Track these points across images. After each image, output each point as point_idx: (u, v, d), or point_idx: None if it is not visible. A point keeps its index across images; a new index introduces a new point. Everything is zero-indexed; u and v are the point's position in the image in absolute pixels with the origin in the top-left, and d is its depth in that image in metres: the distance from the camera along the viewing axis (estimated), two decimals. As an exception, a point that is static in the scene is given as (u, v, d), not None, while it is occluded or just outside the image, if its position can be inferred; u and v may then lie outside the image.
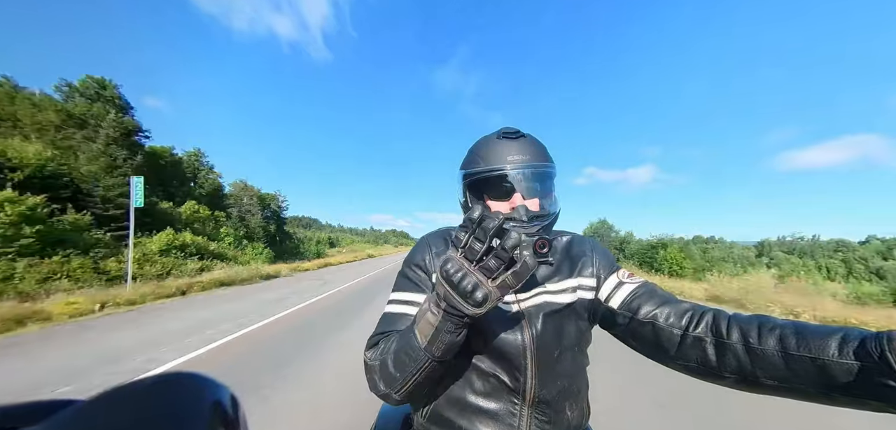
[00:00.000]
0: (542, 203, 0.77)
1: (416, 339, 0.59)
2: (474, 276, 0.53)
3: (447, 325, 0.57)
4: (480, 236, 0.54)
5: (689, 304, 0.70)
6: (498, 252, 0.53)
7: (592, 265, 0.80)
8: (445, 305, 0.56)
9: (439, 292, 0.56)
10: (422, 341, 0.59)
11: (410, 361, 0.60)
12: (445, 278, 0.54)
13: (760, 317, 0.60)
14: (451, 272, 0.54)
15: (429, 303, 0.60)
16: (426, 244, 0.81)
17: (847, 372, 0.47)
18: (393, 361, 0.62)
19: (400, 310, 0.74)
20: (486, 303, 0.53)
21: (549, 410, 0.70)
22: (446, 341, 0.57)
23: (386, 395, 0.65)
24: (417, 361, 0.59)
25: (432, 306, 0.58)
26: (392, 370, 0.62)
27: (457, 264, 0.54)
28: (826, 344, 0.50)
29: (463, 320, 0.56)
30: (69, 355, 4.35)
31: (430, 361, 0.59)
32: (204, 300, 8.83)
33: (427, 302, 0.60)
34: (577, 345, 0.76)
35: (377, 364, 0.65)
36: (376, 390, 0.66)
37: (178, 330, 5.65)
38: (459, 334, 0.58)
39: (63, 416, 0.18)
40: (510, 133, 0.77)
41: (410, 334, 0.61)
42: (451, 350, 0.59)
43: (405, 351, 0.61)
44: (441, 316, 0.57)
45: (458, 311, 0.54)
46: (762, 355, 0.55)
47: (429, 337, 0.58)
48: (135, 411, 0.18)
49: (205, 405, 0.21)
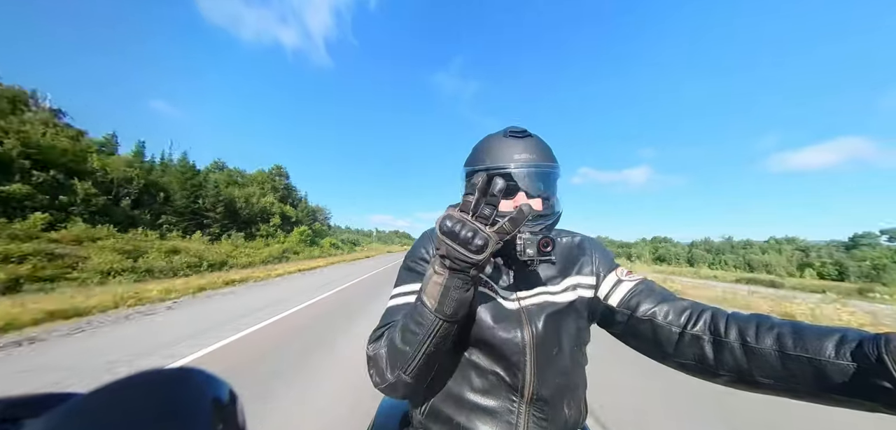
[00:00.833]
0: (546, 203, 0.75)
1: (424, 305, 0.59)
2: (471, 224, 0.54)
3: (455, 280, 0.56)
4: (470, 191, 0.56)
5: (688, 302, 0.69)
6: (488, 199, 0.55)
7: (592, 264, 0.80)
8: (449, 261, 0.56)
9: (441, 251, 0.57)
10: (431, 303, 0.58)
11: (420, 328, 0.59)
12: (445, 233, 0.55)
13: (759, 316, 0.60)
14: (448, 226, 0.55)
15: (432, 268, 0.60)
16: (428, 238, 0.82)
17: (843, 373, 0.47)
18: (401, 336, 0.61)
19: (404, 301, 0.73)
20: (486, 247, 0.54)
21: (546, 407, 0.69)
22: (456, 298, 0.57)
23: (392, 384, 0.63)
24: (427, 325, 0.58)
25: (436, 268, 0.58)
26: (400, 344, 0.61)
27: (453, 218, 0.55)
28: (823, 345, 0.50)
29: (469, 273, 0.56)
30: (286, 286, 9.68)
31: (441, 321, 0.58)
32: (338, 265, 23.08)
33: (430, 269, 0.60)
34: (575, 344, 0.75)
35: (383, 350, 0.64)
36: (382, 378, 0.64)
37: (343, 274, 19.48)
38: (468, 289, 0.58)
39: (64, 409, 0.18)
40: (517, 132, 0.76)
41: (418, 303, 0.61)
42: (462, 307, 0.59)
43: (414, 320, 0.60)
44: (448, 274, 0.56)
45: (462, 260, 0.54)
46: (759, 355, 0.55)
47: (437, 297, 0.57)
48: (135, 405, 0.19)
49: (205, 401, 0.21)
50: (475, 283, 0.59)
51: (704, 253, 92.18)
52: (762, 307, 9.57)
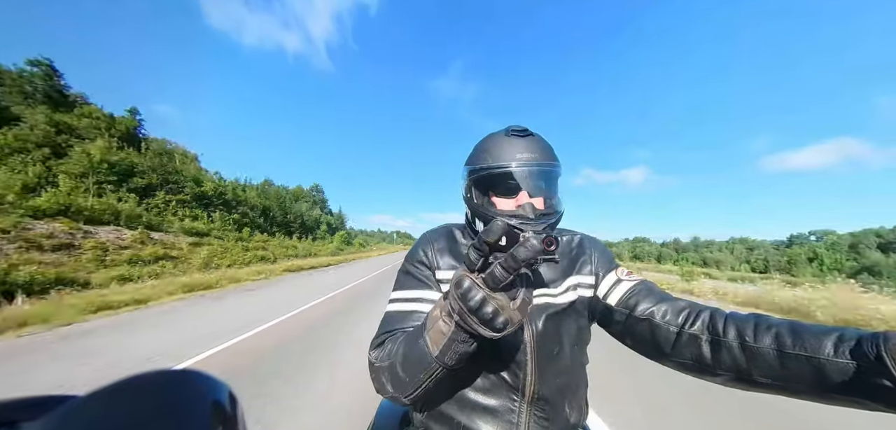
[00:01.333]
0: (548, 202, 0.75)
1: (426, 346, 0.57)
2: (495, 301, 0.50)
3: (460, 335, 0.54)
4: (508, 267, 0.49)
5: (686, 302, 0.69)
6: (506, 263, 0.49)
7: (591, 263, 0.80)
8: (459, 320, 0.53)
9: (453, 306, 0.53)
10: (433, 349, 0.57)
11: (421, 368, 0.59)
12: (462, 299, 0.51)
13: (757, 315, 0.60)
14: (469, 295, 0.51)
15: (440, 311, 0.57)
16: (427, 240, 0.81)
17: (842, 372, 0.47)
18: (402, 365, 0.60)
19: (404, 308, 0.72)
20: (506, 328, 0.51)
21: (547, 407, 0.69)
22: (459, 351, 0.56)
23: (394, 397, 0.63)
24: (429, 368, 0.58)
25: (444, 316, 0.56)
26: (402, 374, 0.60)
27: (476, 289, 0.51)
28: (822, 344, 0.49)
29: (477, 338, 0.54)
30: (321, 276, 15.38)
31: (442, 369, 0.58)
32: (372, 257, 36.11)
33: (438, 309, 0.58)
34: (576, 343, 0.76)
35: (385, 366, 0.63)
36: (383, 391, 0.65)
37: (383, 260, 32.66)
38: (472, 346, 0.56)
39: (61, 411, 0.18)
40: (518, 131, 0.75)
41: (421, 341, 0.59)
42: (464, 359, 0.58)
43: (416, 357, 0.59)
44: (454, 328, 0.54)
45: (475, 332, 0.52)
46: (758, 354, 0.55)
47: (441, 347, 0.56)
48: (134, 407, 0.18)
49: (204, 403, 0.21)
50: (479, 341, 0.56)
51: (672, 252, 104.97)
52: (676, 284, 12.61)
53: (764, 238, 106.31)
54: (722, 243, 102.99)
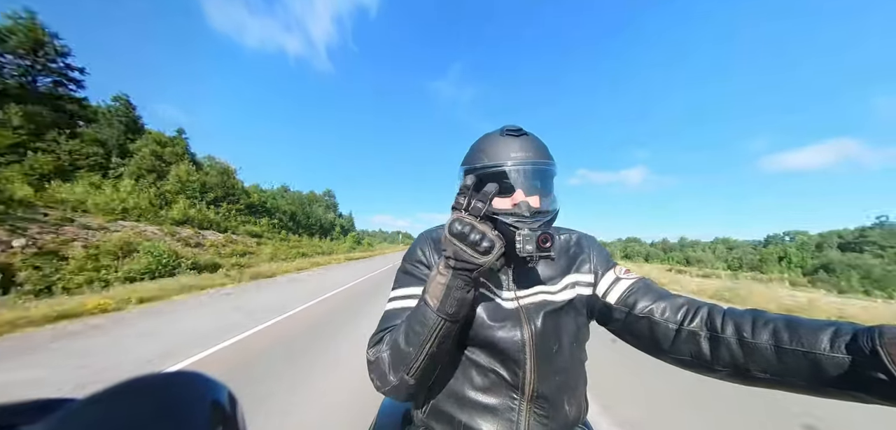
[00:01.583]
0: (544, 200, 0.75)
1: (427, 304, 0.61)
2: (480, 228, 0.58)
3: (457, 281, 0.59)
4: (482, 199, 0.60)
5: (685, 299, 0.70)
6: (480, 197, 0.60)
7: (590, 262, 0.81)
8: (455, 261, 0.59)
9: (448, 251, 0.59)
10: (434, 303, 0.60)
11: (423, 328, 0.61)
12: (455, 235, 0.58)
13: (754, 311, 0.61)
14: (458, 229, 0.58)
15: (436, 269, 0.63)
16: (425, 240, 0.83)
17: (838, 366, 0.48)
18: (404, 337, 0.63)
19: (402, 305, 0.74)
20: (493, 251, 0.57)
21: (547, 404, 0.70)
22: (458, 297, 0.59)
23: (395, 386, 0.64)
24: (430, 325, 0.60)
25: (441, 268, 0.61)
26: (403, 345, 0.63)
27: (463, 221, 0.58)
28: (818, 338, 0.50)
29: (472, 274, 0.59)
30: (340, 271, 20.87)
31: (444, 321, 0.60)
32: (380, 255, 42.82)
33: (434, 269, 0.63)
34: (575, 341, 0.76)
35: (385, 353, 0.65)
36: (384, 381, 0.65)
37: (393, 256, 39.43)
38: (469, 290, 0.60)
39: (62, 414, 0.18)
40: (513, 130, 0.76)
41: (420, 304, 0.63)
42: (463, 307, 0.61)
43: (417, 321, 0.62)
44: (451, 274, 0.59)
45: (469, 263, 0.58)
46: (755, 349, 0.56)
47: (440, 297, 0.60)
48: (134, 409, 0.19)
49: (204, 404, 0.21)
50: (476, 284, 0.62)
51: (660, 252, 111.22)
52: (652, 273, 14.83)
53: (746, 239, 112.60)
54: (705, 243, 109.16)
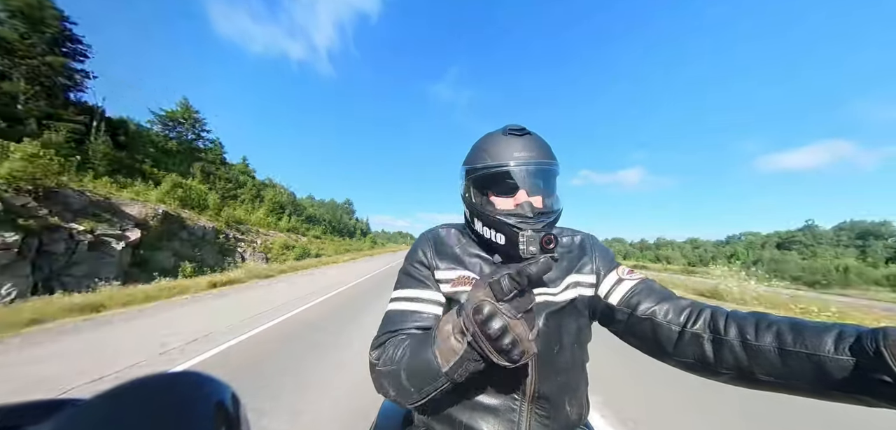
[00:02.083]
0: (547, 201, 0.74)
1: (436, 360, 0.57)
2: (515, 331, 0.50)
3: (473, 355, 0.54)
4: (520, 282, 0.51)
5: (688, 301, 0.69)
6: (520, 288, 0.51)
7: (592, 262, 0.80)
8: (472, 342, 0.53)
9: (467, 327, 0.53)
10: (443, 364, 0.56)
11: (428, 380, 0.58)
12: (481, 328, 0.51)
13: (758, 314, 0.60)
14: (490, 325, 0.50)
15: (453, 327, 0.56)
16: (426, 240, 0.81)
17: (843, 368, 0.47)
18: (407, 375, 0.60)
19: (404, 307, 0.72)
20: (523, 359, 0.51)
21: (548, 405, 0.69)
22: (470, 369, 0.56)
23: (395, 400, 0.64)
24: (436, 382, 0.58)
25: (456, 334, 0.55)
26: (406, 384, 0.60)
27: (498, 318, 0.50)
28: (822, 341, 0.50)
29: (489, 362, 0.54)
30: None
31: (450, 383, 0.57)
32: (392, 252, 55.69)
33: (451, 325, 0.57)
34: (576, 342, 0.75)
35: (388, 372, 0.63)
36: (385, 394, 0.65)
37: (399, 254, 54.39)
38: (483, 365, 0.56)
39: (66, 415, 0.18)
40: (515, 130, 0.75)
41: (429, 353, 0.58)
42: (473, 375, 0.58)
43: (423, 369, 0.59)
44: (466, 349, 0.54)
45: (488, 359, 0.52)
46: (759, 352, 0.55)
47: (451, 364, 0.56)
48: (138, 410, 0.19)
49: (208, 405, 0.21)
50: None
51: (638, 251, 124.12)
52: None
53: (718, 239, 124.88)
54: (678, 242, 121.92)
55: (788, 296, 12.32)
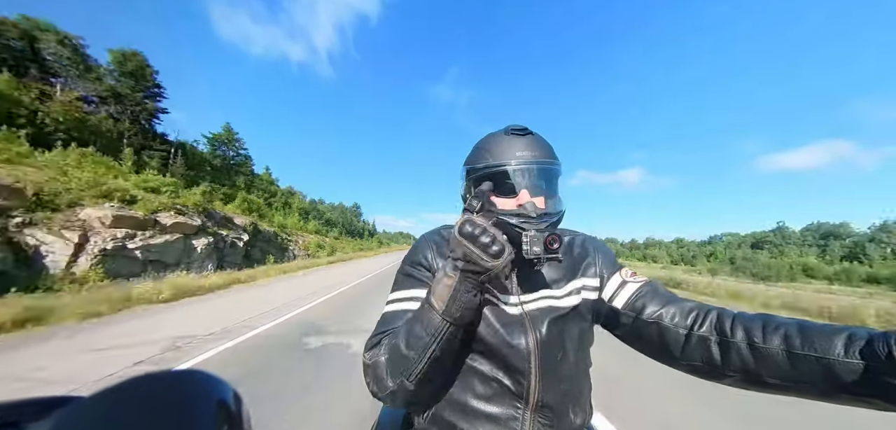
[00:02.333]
0: (549, 202, 0.74)
1: (432, 306, 0.59)
2: (491, 231, 0.56)
3: (465, 284, 0.57)
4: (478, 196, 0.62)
5: (694, 303, 0.68)
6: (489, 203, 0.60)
7: (595, 265, 0.79)
8: (463, 263, 0.57)
9: (457, 253, 0.58)
10: (439, 305, 0.58)
11: (426, 332, 0.59)
12: (465, 236, 0.57)
13: (764, 316, 0.59)
14: (468, 230, 0.57)
15: (443, 271, 0.60)
16: (426, 242, 0.80)
17: (853, 372, 0.46)
18: (405, 341, 0.61)
19: (401, 307, 0.71)
20: (502, 255, 0.55)
21: (551, 414, 0.68)
22: (464, 301, 0.57)
23: (393, 392, 0.61)
24: (434, 328, 0.58)
25: (448, 271, 0.59)
26: (404, 349, 0.60)
27: (474, 223, 0.57)
28: (832, 344, 0.49)
29: (480, 277, 0.57)
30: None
31: (449, 325, 0.58)
32: (397, 251, 64.96)
33: (441, 271, 0.61)
34: (579, 347, 0.74)
35: (383, 359, 0.62)
36: (382, 386, 0.62)
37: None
38: (476, 295, 0.58)
39: (66, 412, 0.18)
40: (518, 130, 0.74)
41: (424, 306, 0.61)
42: (468, 312, 0.59)
43: (419, 324, 0.60)
44: (458, 276, 0.57)
45: (478, 266, 0.56)
46: (766, 355, 0.54)
47: (446, 300, 0.57)
48: (139, 408, 0.19)
49: (210, 403, 0.21)
50: (483, 289, 0.60)
51: (628, 251, 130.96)
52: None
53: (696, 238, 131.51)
54: (665, 243, 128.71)
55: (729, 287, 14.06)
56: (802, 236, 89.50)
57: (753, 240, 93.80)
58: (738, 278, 39.04)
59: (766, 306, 9.99)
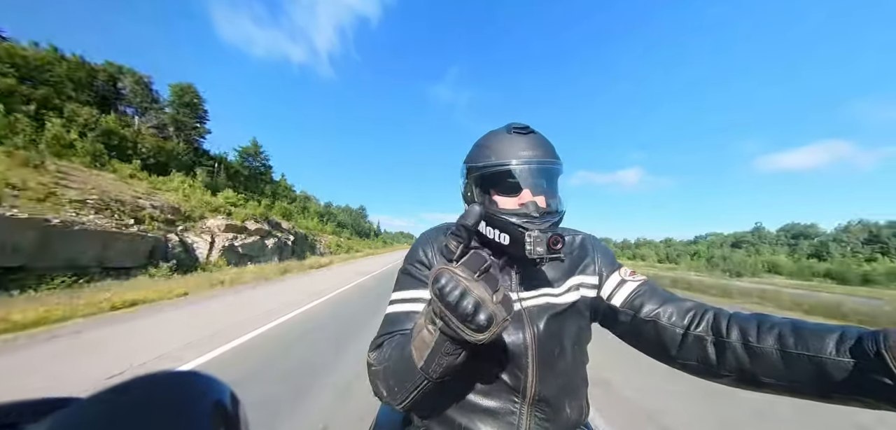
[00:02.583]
0: (551, 201, 0.73)
1: (412, 357, 0.55)
2: (475, 293, 0.47)
3: (445, 346, 0.51)
4: (459, 234, 0.53)
5: (692, 302, 0.68)
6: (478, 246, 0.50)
7: (594, 264, 0.79)
8: (442, 323, 0.50)
9: (434, 310, 0.51)
10: (417, 360, 0.54)
11: (407, 379, 0.57)
12: (440, 297, 0.48)
13: (760, 316, 0.60)
14: (446, 290, 0.48)
15: (425, 318, 0.54)
16: (426, 240, 0.80)
17: (844, 371, 0.47)
18: (393, 374, 0.59)
19: (403, 309, 0.71)
20: (490, 327, 0.47)
21: (548, 408, 0.68)
22: (444, 363, 0.53)
23: (388, 403, 0.63)
24: (414, 380, 0.56)
25: (427, 324, 0.53)
26: (392, 383, 0.59)
27: (453, 280, 0.48)
28: (824, 343, 0.49)
29: (460, 348, 0.52)
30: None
31: (427, 381, 0.55)
32: (396, 251, 72.62)
33: (423, 316, 0.55)
34: (577, 344, 0.74)
35: (380, 371, 0.63)
36: (380, 395, 0.64)
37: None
38: (459, 357, 0.53)
39: (64, 414, 0.18)
40: (519, 128, 0.73)
41: (407, 349, 0.56)
42: (451, 372, 0.54)
43: (403, 367, 0.57)
44: (437, 336, 0.52)
45: (457, 336, 0.49)
46: (761, 355, 0.55)
47: (425, 357, 0.53)
48: (136, 409, 0.18)
49: (206, 404, 0.21)
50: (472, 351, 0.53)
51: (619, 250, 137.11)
52: None
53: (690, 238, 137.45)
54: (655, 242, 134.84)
55: (690, 279, 17.67)
56: (777, 236, 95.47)
57: (734, 240, 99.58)
58: (713, 273, 44.34)
59: (724, 293, 12.35)
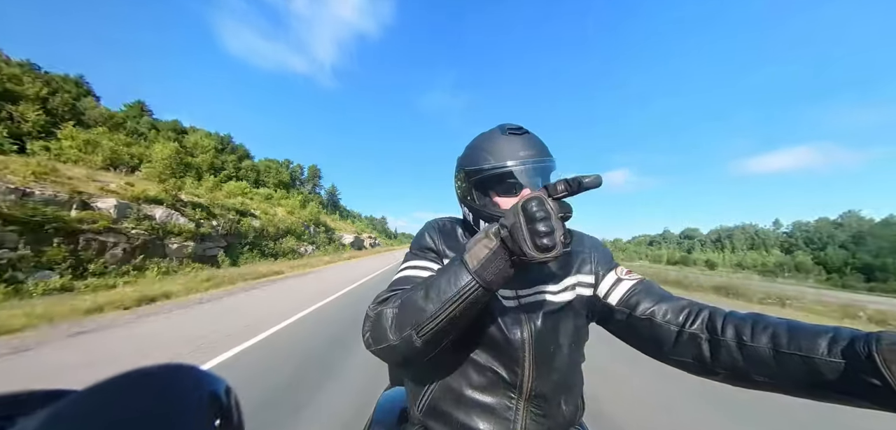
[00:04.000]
0: None
1: (464, 263, 0.55)
2: (554, 222, 0.49)
3: (504, 253, 0.52)
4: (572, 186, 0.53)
5: (687, 301, 0.68)
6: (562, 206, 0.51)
7: (591, 262, 0.78)
8: (509, 236, 0.51)
9: (508, 219, 0.52)
10: (472, 263, 0.54)
11: (451, 286, 0.54)
12: (526, 212, 0.50)
13: (754, 315, 0.60)
14: (533, 210, 0.49)
15: (484, 231, 0.55)
16: (433, 227, 0.80)
17: (835, 371, 0.47)
18: (426, 293, 0.57)
19: (413, 273, 0.71)
20: (549, 251, 0.48)
21: (544, 404, 0.68)
22: (499, 268, 0.53)
23: (392, 346, 0.58)
24: (461, 285, 0.54)
25: (490, 233, 0.54)
26: (421, 301, 0.56)
27: (545, 206, 0.50)
28: (816, 343, 0.49)
29: (514, 258, 0.52)
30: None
31: (478, 287, 0.54)
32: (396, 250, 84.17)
33: (483, 231, 0.56)
34: (573, 342, 0.74)
35: (391, 310, 0.59)
36: (381, 339, 0.59)
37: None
38: (511, 269, 0.53)
39: (58, 407, 0.18)
40: (514, 129, 0.73)
41: (455, 262, 0.57)
42: (499, 281, 0.54)
43: (446, 277, 0.56)
44: (498, 244, 0.53)
45: (517, 247, 0.50)
46: (754, 353, 0.55)
47: (482, 260, 0.53)
48: (132, 401, 0.18)
49: (201, 396, 0.21)
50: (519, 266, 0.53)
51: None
52: None
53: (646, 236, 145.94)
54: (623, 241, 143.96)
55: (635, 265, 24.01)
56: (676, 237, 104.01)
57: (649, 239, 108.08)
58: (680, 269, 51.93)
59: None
